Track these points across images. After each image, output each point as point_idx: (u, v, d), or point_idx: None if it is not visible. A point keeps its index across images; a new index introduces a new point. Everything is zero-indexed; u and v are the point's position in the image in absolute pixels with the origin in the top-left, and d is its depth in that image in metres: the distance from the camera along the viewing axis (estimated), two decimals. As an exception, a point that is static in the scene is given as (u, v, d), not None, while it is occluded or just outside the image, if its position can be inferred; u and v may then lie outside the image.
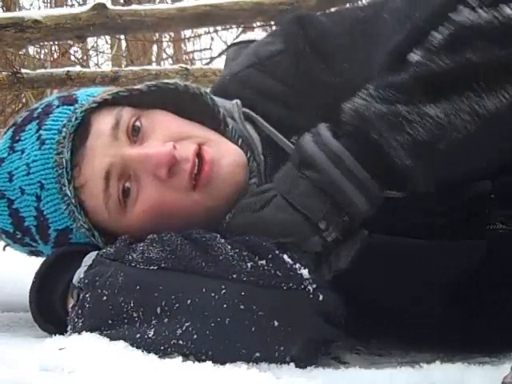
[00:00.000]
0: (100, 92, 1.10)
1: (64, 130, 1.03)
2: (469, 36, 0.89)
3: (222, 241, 0.92)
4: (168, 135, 1.03)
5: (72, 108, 1.06)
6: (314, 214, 0.91)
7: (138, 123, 1.04)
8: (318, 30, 1.11)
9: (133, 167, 1.01)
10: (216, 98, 1.12)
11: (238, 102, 1.12)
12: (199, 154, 1.02)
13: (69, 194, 1.01)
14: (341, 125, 0.94)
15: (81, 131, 1.03)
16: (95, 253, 0.98)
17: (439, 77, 0.89)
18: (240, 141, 1.10)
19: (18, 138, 1.06)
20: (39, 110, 1.08)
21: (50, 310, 1.02)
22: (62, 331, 0.97)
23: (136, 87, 1.09)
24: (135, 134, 1.03)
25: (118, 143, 1.02)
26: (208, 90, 1.19)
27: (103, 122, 1.04)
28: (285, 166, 0.98)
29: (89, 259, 0.98)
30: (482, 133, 0.89)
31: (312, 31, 1.11)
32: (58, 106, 1.07)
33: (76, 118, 1.03)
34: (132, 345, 0.89)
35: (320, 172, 0.92)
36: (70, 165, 1.01)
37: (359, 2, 1.29)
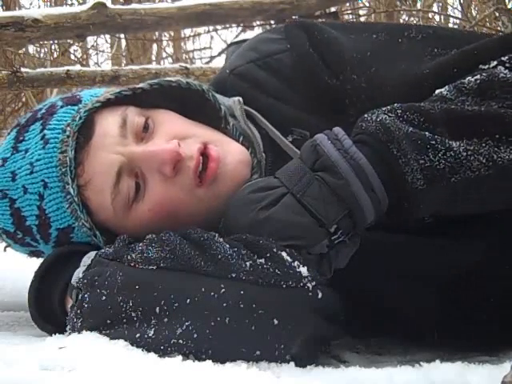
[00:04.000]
0: (103, 92, 1.10)
1: (68, 129, 1.03)
2: (499, 88, 0.95)
3: (221, 240, 0.92)
4: (172, 134, 1.04)
5: (76, 108, 1.06)
6: (329, 220, 0.91)
7: (147, 122, 1.04)
8: (327, 38, 1.12)
9: (139, 165, 1.02)
10: (217, 95, 1.12)
11: (240, 99, 1.13)
12: (204, 153, 1.03)
13: (72, 192, 1.01)
14: (359, 133, 0.95)
15: (85, 130, 1.03)
16: (94, 253, 0.99)
17: (465, 117, 0.93)
18: (241, 138, 1.10)
19: (21, 138, 1.06)
20: (43, 110, 1.08)
21: (49, 311, 1.02)
22: (61, 331, 0.97)
23: (138, 86, 1.10)
24: (144, 131, 1.04)
25: (125, 141, 1.03)
26: (208, 86, 1.19)
27: (108, 122, 1.04)
28: (292, 162, 0.97)
29: (88, 259, 0.98)
30: (493, 178, 0.92)
31: (320, 37, 1.12)
32: (61, 107, 1.07)
33: (80, 118, 1.03)
34: (132, 344, 0.89)
35: (341, 179, 0.91)
36: (74, 163, 1.02)
37: (373, 23, 1.34)
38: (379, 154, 0.92)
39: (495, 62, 1.01)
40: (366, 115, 0.96)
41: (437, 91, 1.00)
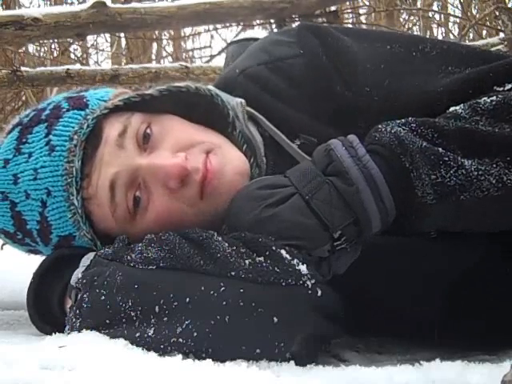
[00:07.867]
0: (110, 95, 1.09)
1: (75, 137, 1.02)
2: None
3: (219, 238, 0.91)
4: (178, 144, 1.03)
5: (83, 113, 1.04)
6: (334, 225, 0.91)
7: (148, 131, 1.03)
8: (340, 46, 1.11)
9: (143, 176, 1.01)
10: (223, 95, 1.12)
11: (243, 101, 1.12)
12: (206, 162, 1.02)
13: (76, 203, 1.01)
14: (372, 143, 0.95)
15: (92, 139, 1.02)
16: (93, 253, 0.98)
17: (478, 137, 0.94)
18: (245, 146, 1.10)
19: (24, 139, 1.04)
20: (47, 111, 1.06)
21: (48, 312, 1.01)
22: (60, 332, 0.97)
23: (147, 92, 1.09)
24: (145, 142, 1.03)
25: (124, 151, 1.02)
26: (214, 84, 1.19)
27: (112, 130, 1.03)
28: (304, 163, 0.97)
29: (87, 260, 0.98)
30: (501, 199, 0.93)
31: (334, 44, 1.12)
32: (68, 110, 1.05)
33: (88, 126, 1.02)
34: (132, 344, 0.89)
35: (351, 186, 0.91)
36: (81, 174, 1.01)
37: (386, 32, 1.31)
38: (391, 166, 0.92)
39: (510, 85, 1.01)
40: (380, 126, 0.96)
41: (451, 108, 1.00)
